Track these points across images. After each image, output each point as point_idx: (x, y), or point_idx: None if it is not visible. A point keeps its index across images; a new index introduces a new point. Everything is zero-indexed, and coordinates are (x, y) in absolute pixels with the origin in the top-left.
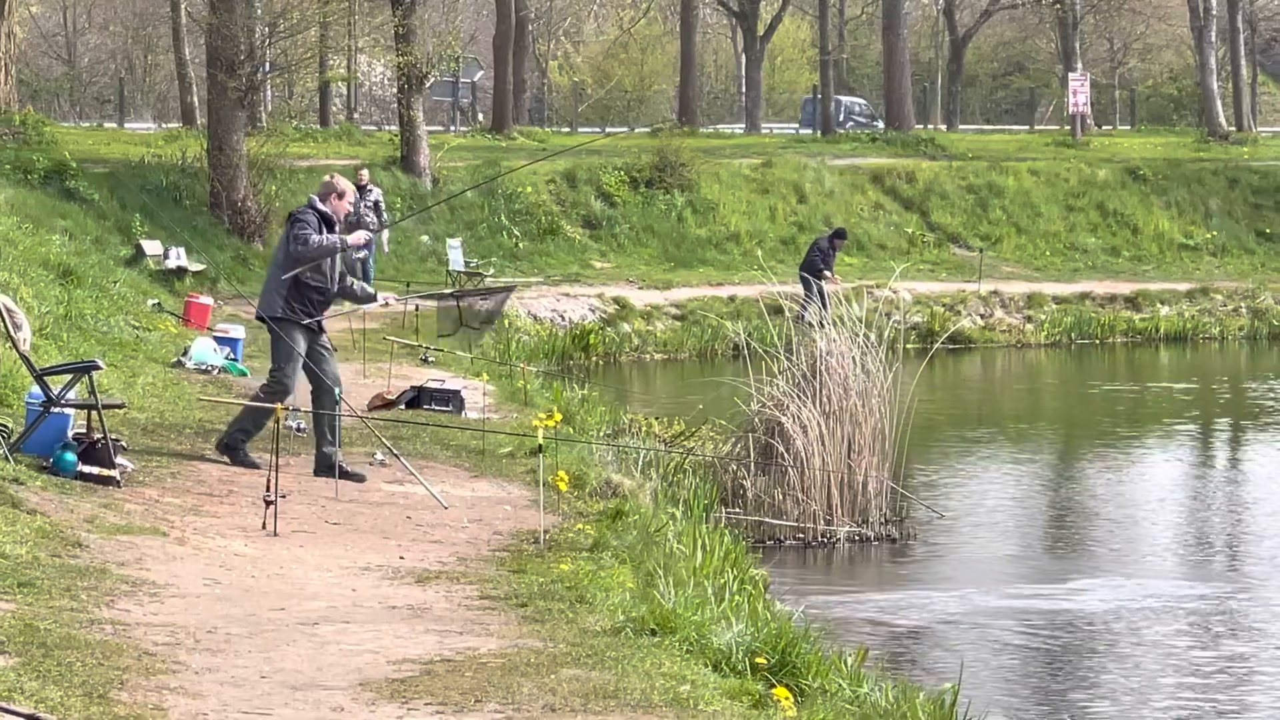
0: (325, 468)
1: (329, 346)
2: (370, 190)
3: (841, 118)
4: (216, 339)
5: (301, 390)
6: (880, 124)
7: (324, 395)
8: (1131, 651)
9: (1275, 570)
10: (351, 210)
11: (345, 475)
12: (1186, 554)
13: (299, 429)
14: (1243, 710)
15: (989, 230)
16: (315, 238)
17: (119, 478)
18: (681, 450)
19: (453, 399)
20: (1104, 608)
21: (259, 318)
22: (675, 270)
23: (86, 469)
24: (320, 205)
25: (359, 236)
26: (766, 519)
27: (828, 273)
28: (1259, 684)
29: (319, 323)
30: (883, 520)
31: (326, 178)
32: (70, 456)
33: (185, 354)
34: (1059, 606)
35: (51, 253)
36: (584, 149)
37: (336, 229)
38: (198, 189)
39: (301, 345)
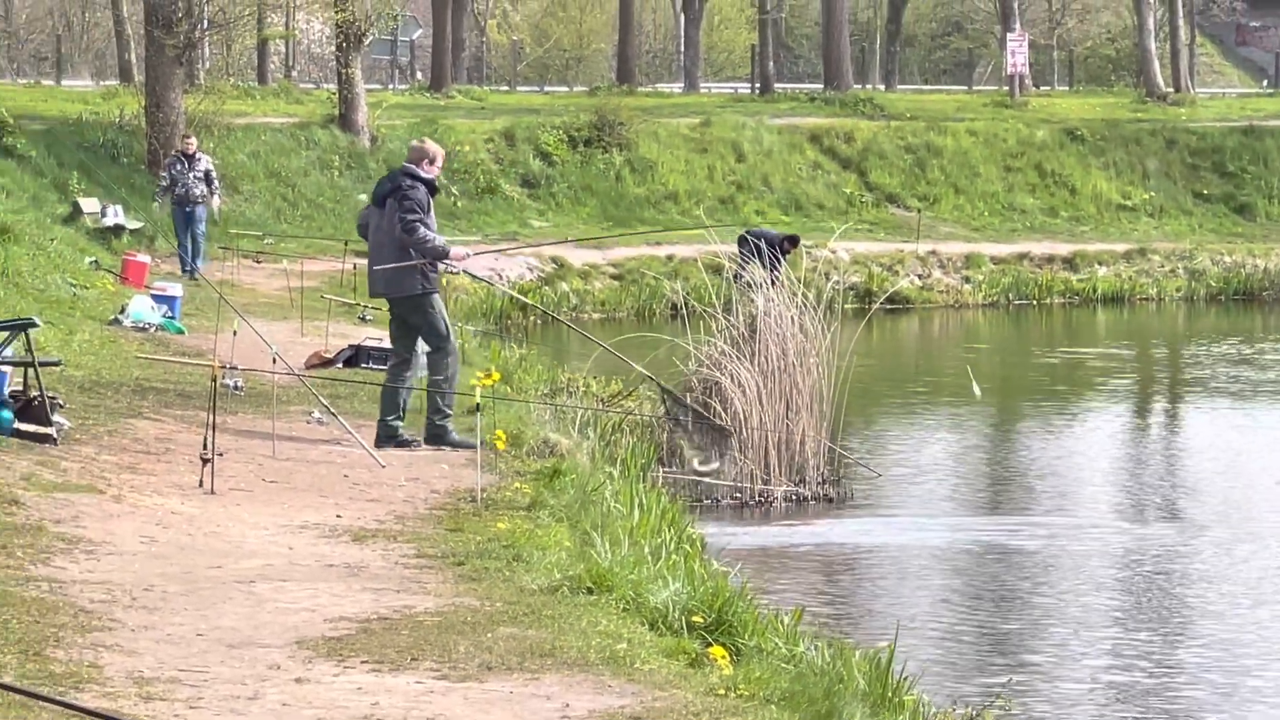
0: (434, 438)
1: None
2: (199, 159)
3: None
4: (154, 297)
5: (244, 349)
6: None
7: (415, 365)
8: (1066, 602)
9: (1210, 519)
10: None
11: (456, 444)
12: (1123, 509)
13: (236, 387)
14: (1181, 649)
15: (927, 190)
16: (429, 235)
17: (55, 435)
18: (619, 410)
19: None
20: (1039, 561)
21: (394, 300)
22: (613, 229)
23: (23, 426)
24: (423, 173)
25: (460, 253)
26: (704, 480)
27: (778, 274)
28: (1192, 624)
29: None
30: (820, 480)
31: (416, 142)
32: (6, 414)
33: (123, 312)
34: (995, 563)
35: None
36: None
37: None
38: (135, 146)
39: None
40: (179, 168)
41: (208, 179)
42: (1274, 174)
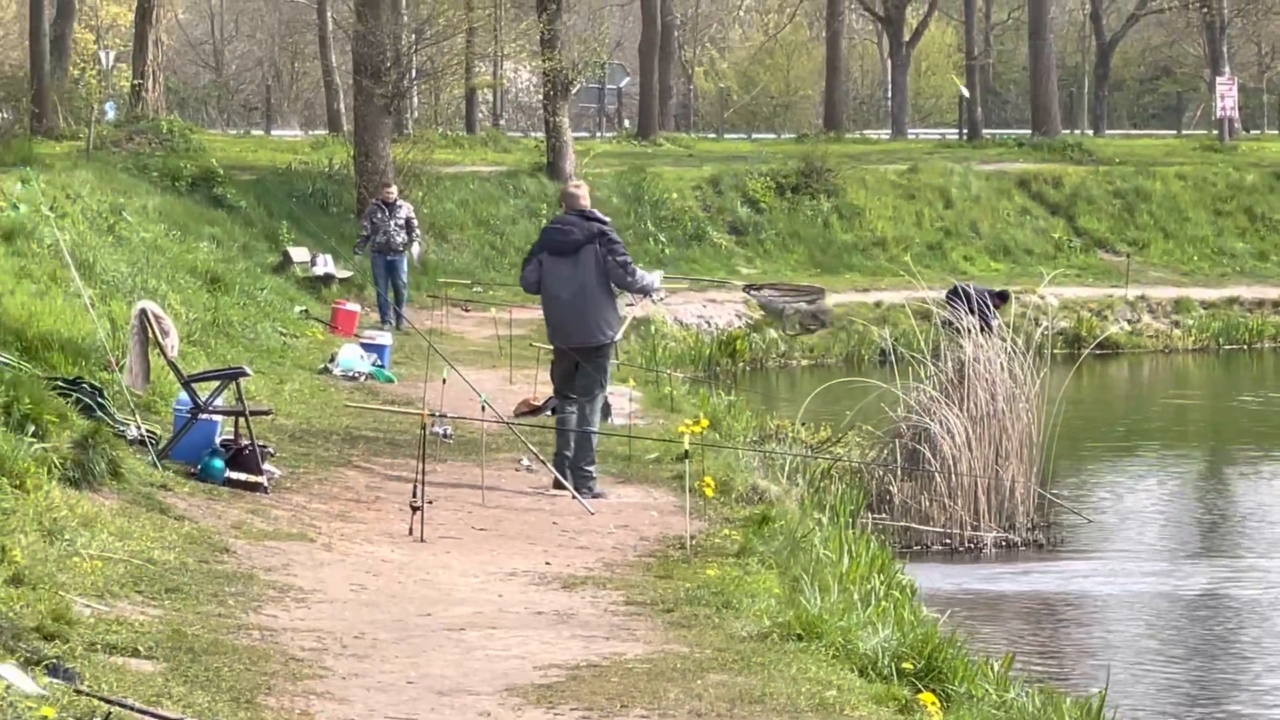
0: (583, 483)
1: None
2: (399, 207)
3: None
4: (364, 345)
5: (453, 396)
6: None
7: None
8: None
9: None
10: None
11: (595, 495)
12: None
13: (445, 435)
14: None
15: (1136, 235)
16: (641, 273)
17: (266, 484)
18: (828, 456)
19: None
20: (1253, 611)
21: (593, 348)
22: (821, 276)
23: (234, 475)
24: (601, 215)
25: (657, 279)
26: (913, 524)
27: (995, 322)
28: None
29: None
30: (1030, 526)
31: (580, 187)
32: (218, 463)
33: (332, 360)
34: (1207, 609)
35: (199, 260)
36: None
37: None
38: (344, 196)
39: None
40: (379, 216)
41: (408, 227)
42: None
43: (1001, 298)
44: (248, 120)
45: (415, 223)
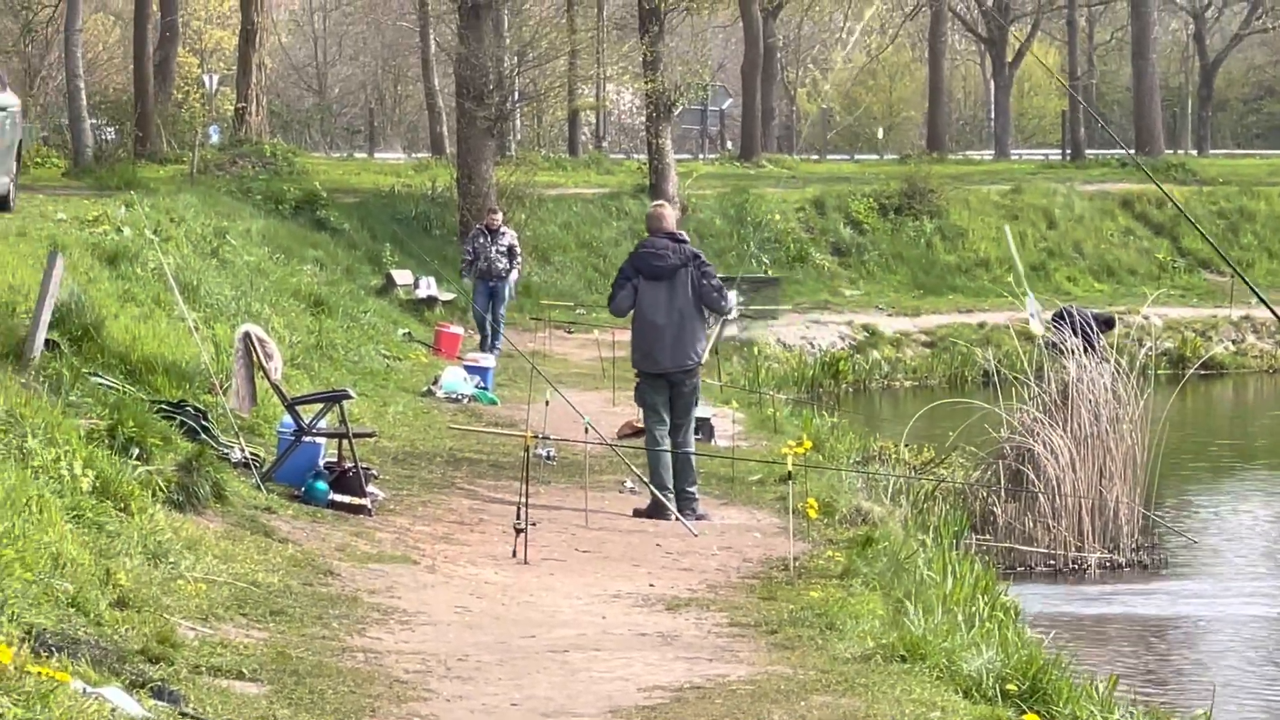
0: (687, 505)
1: None
2: (503, 234)
3: None
4: (467, 368)
5: (556, 419)
6: None
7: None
8: None
9: None
10: None
11: (700, 518)
12: None
13: (548, 457)
14: None
15: (1240, 255)
16: (730, 295)
17: (370, 506)
18: (931, 477)
19: (702, 427)
20: None
21: (687, 371)
22: (925, 297)
23: (338, 498)
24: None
25: (733, 301)
26: (1017, 545)
27: (1101, 345)
28: None
29: None
30: (1134, 546)
31: (666, 208)
32: (322, 485)
33: (435, 383)
34: None
35: (302, 283)
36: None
37: None
38: (447, 218)
39: None
40: (481, 241)
41: (510, 254)
42: None
43: (1108, 324)
44: (351, 143)
45: (518, 250)
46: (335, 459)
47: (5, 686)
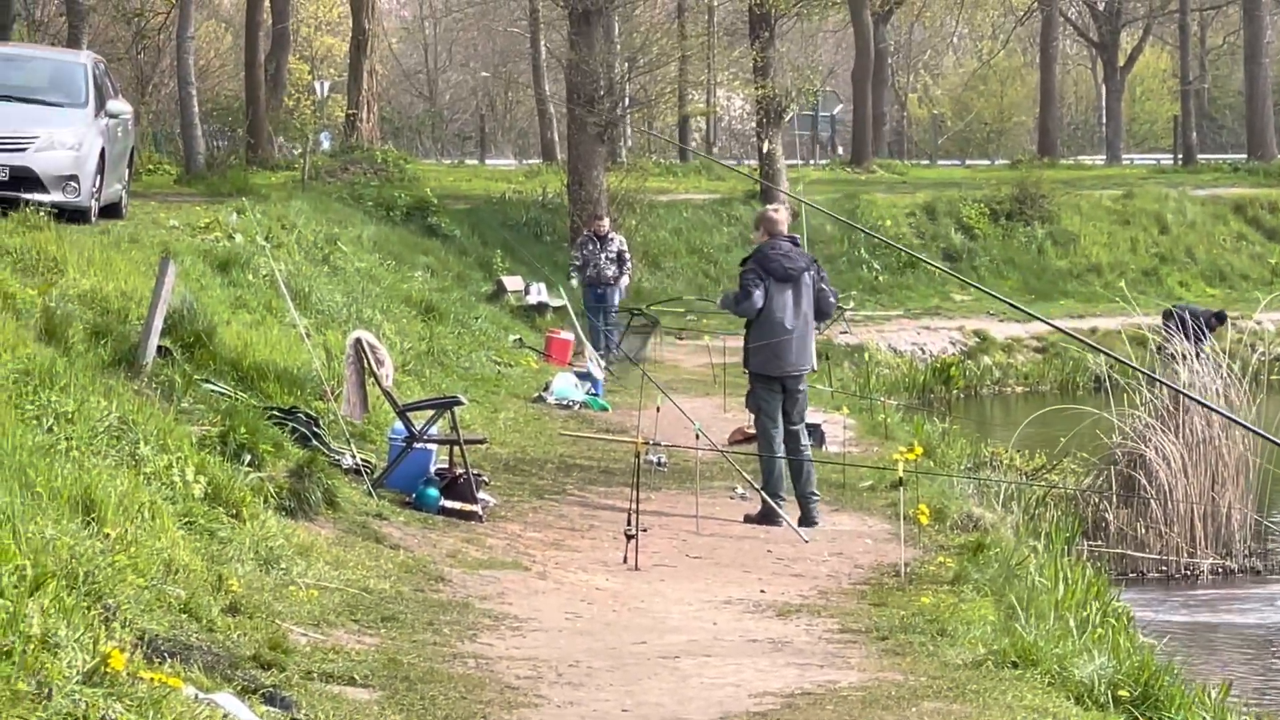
0: (813, 506)
1: None
2: (611, 240)
3: None
4: (578, 374)
5: (667, 425)
6: None
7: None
8: None
9: None
10: None
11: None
12: None
13: (659, 464)
14: None
15: None
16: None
17: (481, 513)
18: (1043, 483)
19: (813, 433)
20: None
21: (797, 376)
22: (1036, 302)
23: (449, 504)
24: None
25: None
26: (1128, 551)
27: (1206, 344)
28: None
29: None
30: (1247, 552)
31: (776, 211)
32: (433, 492)
33: (546, 389)
34: None
35: (414, 289)
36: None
37: None
38: (558, 224)
39: None
40: (590, 248)
41: (620, 260)
42: None
43: (1218, 319)
44: (462, 150)
45: (627, 256)
46: (446, 465)
47: (118, 692)
